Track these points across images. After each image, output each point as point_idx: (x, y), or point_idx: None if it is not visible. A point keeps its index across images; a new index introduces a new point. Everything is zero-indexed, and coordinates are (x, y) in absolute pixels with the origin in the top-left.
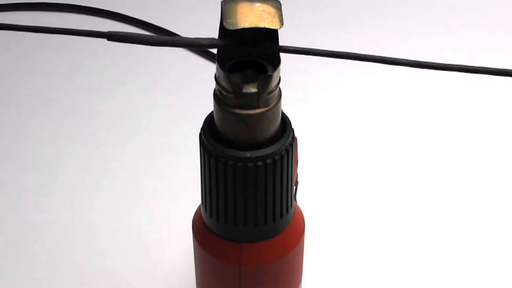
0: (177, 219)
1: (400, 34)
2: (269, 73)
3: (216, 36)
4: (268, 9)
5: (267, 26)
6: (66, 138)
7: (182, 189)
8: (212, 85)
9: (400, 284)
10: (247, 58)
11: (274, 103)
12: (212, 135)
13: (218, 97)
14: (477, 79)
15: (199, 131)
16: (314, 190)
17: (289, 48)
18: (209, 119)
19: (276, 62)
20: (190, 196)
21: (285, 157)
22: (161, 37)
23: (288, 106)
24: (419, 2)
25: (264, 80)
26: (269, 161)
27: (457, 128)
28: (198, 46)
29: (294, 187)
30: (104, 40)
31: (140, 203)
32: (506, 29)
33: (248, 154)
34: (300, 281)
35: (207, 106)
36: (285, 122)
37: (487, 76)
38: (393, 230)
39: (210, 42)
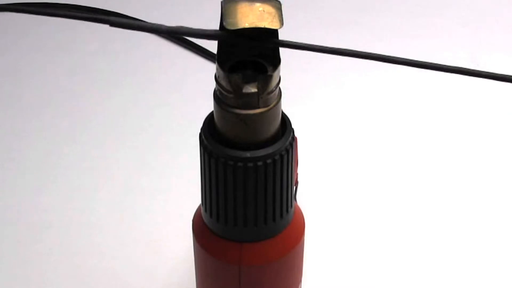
0: (177, 219)
1: (400, 34)
2: (269, 73)
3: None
4: (268, 9)
5: (267, 26)
6: (66, 138)
7: (182, 189)
8: (212, 85)
9: (400, 284)
10: (247, 58)
11: (274, 103)
12: (212, 135)
13: (218, 97)
14: (477, 80)
15: (199, 131)
16: (314, 190)
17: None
18: (209, 119)
19: (276, 62)
20: (190, 196)
21: (285, 157)
22: (163, 25)
23: (288, 106)
24: (419, 2)
25: (264, 80)
26: (269, 161)
27: (458, 128)
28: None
29: (294, 187)
30: (104, 40)
31: (140, 203)
32: (507, 29)
33: (248, 154)
34: (300, 281)
35: (207, 106)
36: (285, 122)
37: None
38: (393, 230)
39: (215, 33)
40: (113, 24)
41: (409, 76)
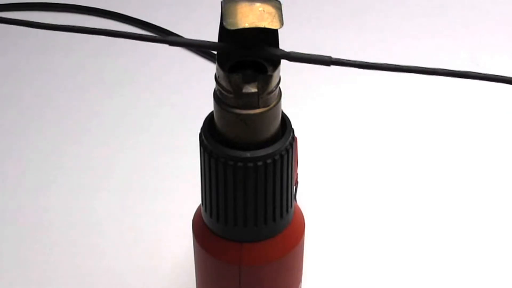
0: (177, 219)
1: (400, 34)
2: (269, 73)
3: (216, 36)
4: (268, 9)
5: (267, 26)
6: (67, 138)
7: (182, 189)
8: (212, 85)
9: (400, 284)
10: (247, 58)
11: (274, 103)
12: (212, 135)
13: (218, 97)
14: (477, 81)
15: (199, 131)
16: (314, 190)
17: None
18: (209, 119)
19: (276, 62)
20: (190, 196)
21: (285, 157)
22: (221, 43)
23: (288, 106)
24: (419, 3)
25: (264, 80)
26: (269, 161)
27: (458, 129)
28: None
29: (294, 187)
30: (104, 41)
31: (140, 203)
32: (507, 29)
33: (248, 154)
34: (300, 281)
35: (207, 106)
36: (285, 122)
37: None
38: (393, 230)
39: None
40: (171, 43)
41: (410, 76)
